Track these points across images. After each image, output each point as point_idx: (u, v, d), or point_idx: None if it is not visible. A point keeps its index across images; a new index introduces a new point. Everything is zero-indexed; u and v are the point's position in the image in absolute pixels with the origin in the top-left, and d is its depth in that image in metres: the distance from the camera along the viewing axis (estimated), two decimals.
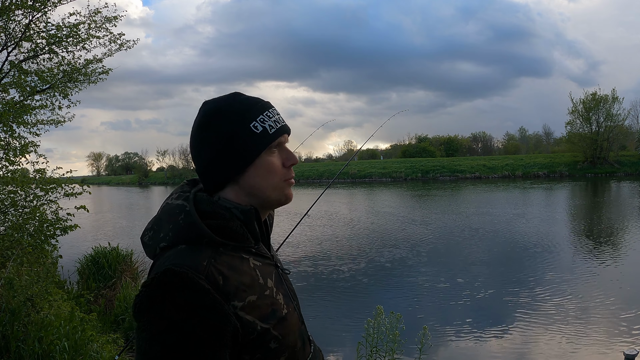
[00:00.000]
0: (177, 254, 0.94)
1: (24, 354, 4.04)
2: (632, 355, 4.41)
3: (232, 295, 0.93)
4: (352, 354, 4.98)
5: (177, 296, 0.88)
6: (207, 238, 0.96)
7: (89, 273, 8.51)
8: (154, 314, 0.88)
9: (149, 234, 1.03)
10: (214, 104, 1.07)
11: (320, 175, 57.06)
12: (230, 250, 0.99)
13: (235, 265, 0.98)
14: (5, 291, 4.56)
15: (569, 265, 10.27)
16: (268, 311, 0.99)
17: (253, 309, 0.96)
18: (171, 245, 0.97)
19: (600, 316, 7.04)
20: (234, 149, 1.03)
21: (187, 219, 0.97)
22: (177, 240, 0.97)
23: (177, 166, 77.40)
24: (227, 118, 1.04)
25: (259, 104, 1.09)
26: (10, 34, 5.90)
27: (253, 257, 1.03)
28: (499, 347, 6.20)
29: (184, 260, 0.92)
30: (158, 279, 0.90)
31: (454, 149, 71.13)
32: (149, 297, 0.89)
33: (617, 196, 27.80)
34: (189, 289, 0.88)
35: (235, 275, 0.96)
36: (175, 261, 0.92)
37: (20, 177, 5.67)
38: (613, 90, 50.07)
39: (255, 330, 0.95)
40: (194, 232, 0.96)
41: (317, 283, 9.60)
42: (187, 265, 0.91)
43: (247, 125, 1.04)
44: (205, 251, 0.95)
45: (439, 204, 25.60)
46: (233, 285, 0.94)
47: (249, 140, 1.03)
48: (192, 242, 0.96)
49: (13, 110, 5.41)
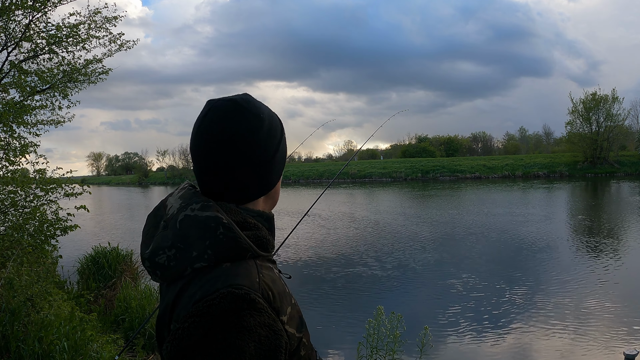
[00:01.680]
0: (229, 274, 0.84)
1: (24, 354, 4.04)
2: (632, 355, 4.41)
3: (280, 309, 0.88)
4: (353, 354, 4.98)
5: (243, 321, 0.79)
6: (251, 252, 0.88)
7: (89, 273, 8.51)
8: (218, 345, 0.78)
9: (168, 252, 0.88)
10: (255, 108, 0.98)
11: (320, 175, 57.05)
12: (263, 261, 0.94)
13: (273, 277, 0.93)
14: (5, 291, 4.56)
15: (569, 266, 10.27)
16: (298, 320, 0.96)
17: (292, 320, 0.92)
18: (212, 265, 0.86)
19: (600, 316, 7.04)
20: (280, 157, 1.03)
21: (228, 234, 0.87)
22: (219, 258, 0.86)
23: (177, 166, 77.41)
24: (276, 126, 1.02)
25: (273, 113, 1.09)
26: (10, 34, 5.90)
27: (274, 266, 1.00)
28: (499, 347, 6.20)
29: (241, 280, 0.83)
30: (218, 305, 0.79)
31: (454, 149, 71.15)
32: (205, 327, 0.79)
33: (617, 196, 27.80)
34: (253, 312, 0.81)
35: (276, 287, 0.90)
36: (231, 282, 0.82)
37: (20, 177, 5.67)
38: (613, 90, 50.17)
39: (294, 341, 0.92)
40: (239, 247, 0.87)
41: (317, 283, 9.60)
42: (246, 286, 0.83)
43: (284, 134, 1.05)
44: (252, 267, 0.88)
45: (439, 204, 25.60)
46: (278, 299, 0.89)
47: (285, 150, 1.06)
48: (236, 258, 0.87)
49: (13, 110, 5.41)
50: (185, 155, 75.95)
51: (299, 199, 28.97)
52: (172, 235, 0.89)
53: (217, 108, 0.96)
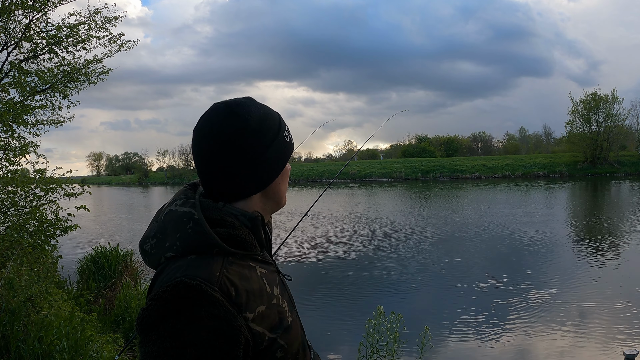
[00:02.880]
0: (189, 265, 0.90)
1: (24, 354, 4.04)
2: (632, 355, 4.41)
3: (244, 306, 0.90)
4: (353, 354, 4.98)
5: (192, 310, 0.84)
6: (218, 247, 0.93)
7: (89, 273, 8.51)
8: (167, 329, 0.84)
9: (151, 242, 0.98)
10: (243, 110, 1.01)
11: (320, 175, 57.06)
12: (239, 259, 0.96)
13: (245, 274, 0.95)
14: (5, 291, 4.56)
15: (569, 266, 10.27)
16: (276, 321, 0.98)
17: (263, 319, 0.94)
18: (179, 256, 0.93)
19: (600, 316, 7.04)
20: (276, 156, 1.04)
21: (196, 228, 0.93)
22: (186, 250, 0.93)
23: (177, 166, 77.40)
24: (268, 126, 1.03)
25: (277, 113, 1.11)
26: (10, 34, 5.90)
27: (259, 265, 1.02)
28: (499, 347, 6.20)
29: (197, 272, 0.88)
30: (170, 292, 0.85)
31: (454, 149, 71.13)
32: (159, 311, 0.85)
33: (617, 196, 27.80)
34: (204, 302, 0.85)
35: (246, 285, 0.93)
36: (187, 272, 0.88)
37: (20, 177, 5.67)
38: (613, 90, 50.15)
39: (264, 341, 0.93)
40: (205, 242, 0.92)
41: (317, 283, 9.60)
42: (200, 278, 0.87)
43: (282, 134, 1.06)
44: (217, 261, 0.92)
45: (439, 204, 25.60)
46: (244, 295, 0.91)
47: (283, 149, 1.06)
48: (203, 252, 0.92)
49: (13, 110, 5.42)
50: (185, 155, 75.96)
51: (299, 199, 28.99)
52: (157, 226, 0.99)
53: (211, 109, 1.04)
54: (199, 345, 0.83)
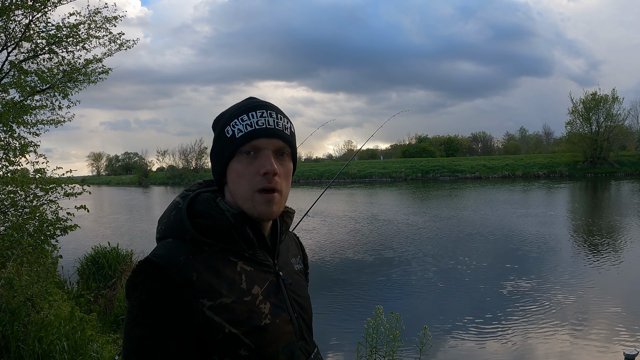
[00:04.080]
0: (161, 246, 1.02)
1: (24, 354, 4.04)
2: (632, 355, 4.41)
3: (203, 292, 0.95)
4: (352, 354, 4.97)
5: (150, 284, 0.94)
6: (190, 235, 1.01)
7: (89, 273, 8.52)
8: (135, 299, 0.94)
9: (159, 226, 1.10)
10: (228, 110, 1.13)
11: (320, 175, 57.03)
12: (217, 251, 1.02)
13: (217, 266, 1.00)
14: (5, 291, 4.56)
15: (569, 266, 10.27)
16: (242, 317, 0.98)
17: (224, 311, 0.96)
18: (161, 238, 1.06)
19: (600, 316, 7.04)
20: (215, 152, 1.10)
21: (177, 216, 1.04)
22: (165, 234, 1.05)
23: (177, 166, 77.32)
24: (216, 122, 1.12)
25: (247, 106, 1.06)
26: (10, 34, 5.89)
27: (243, 262, 1.04)
28: (499, 347, 6.20)
29: (163, 252, 0.99)
30: (139, 267, 0.97)
31: (454, 149, 71.10)
32: (132, 282, 0.96)
33: (617, 196, 27.79)
34: (160, 279, 0.94)
35: (211, 275, 0.98)
36: (156, 252, 0.99)
37: (20, 177, 5.66)
38: (613, 90, 50.12)
39: (221, 332, 0.95)
40: (180, 229, 1.02)
41: (316, 283, 9.60)
42: (163, 257, 0.97)
43: (223, 128, 1.07)
44: (186, 247, 1.00)
45: (439, 204, 25.60)
46: (206, 283, 0.96)
47: (220, 144, 1.07)
48: (177, 237, 1.02)
49: (13, 110, 5.41)
50: (185, 155, 75.97)
51: (299, 199, 28.97)
52: (164, 212, 1.12)
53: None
54: (154, 316, 0.92)
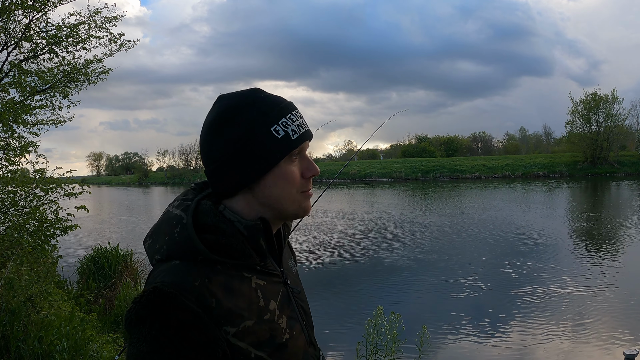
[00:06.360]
0: (169, 271, 0.88)
1: (24, 354, 4.04)
2: (632, 355, 4.41)
3: (225, 319, 0.86)
4: (352, 354, 4.97)
5: (164, 318, 0.82)
6: (202, 255, 0.88)
7: (89, 273, 8.52)
8: (143, 333, 0.83)
9: (148, 241, 0.96)
10: (232, 100, 0.96)
11: (320, 175, 56.81)
12: (230, 268, 0.91)
13: (233, 286, 0.90)
14: (5, 291, 4.57)
15: (569, 266, 10.27)
16: (265, 337, 0.91)
17: (248, 334, 0.89)
18: (165, 260, 0.91)
19: (600, 316, 7.04)
20: (252, 153, 0.93)
21: (183, 233, 0.90)
22: (170, 254, 0.90)
23: (177, 166, 77.40)
24: (247, 117, 0.93)
25: (282, 104, 0.98)
26: (10, 34, 5.90)
27: (257, 276, 0.95)
28: (498, 347, 6.20)
29: (174, 279, 0.86)
30: (147, 297, 0.84)
31: (454, 149, 71.10)
32: (137, 314, 0.84)
33: (617, 196, 27.80)
34: (176, 311, 0.83)
35: (231, 297, 0.88)
36: (165, 279, 0.86)
37: (20, 177, 5.66)
38: (613, 90, 50.07)
39: (248, 357, 0.88)
40: (189, 248, 0.89)
41: (316, 283, 9.60)
42: (176, 285, 0.85)
43: (269, 127, 0.94)
44: (199, 270, 0.88)
45: (439, 204, 25.60)
46: (227, 308, 0.87)
47: (268, 145, 0.93)
48: (186, 258, 0.89)
49: (13, 110, 5.41)
50: (185, 155, 76.02)
51: None
52: (155, 226, 0.97)
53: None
54: (171, 353, 0.81)
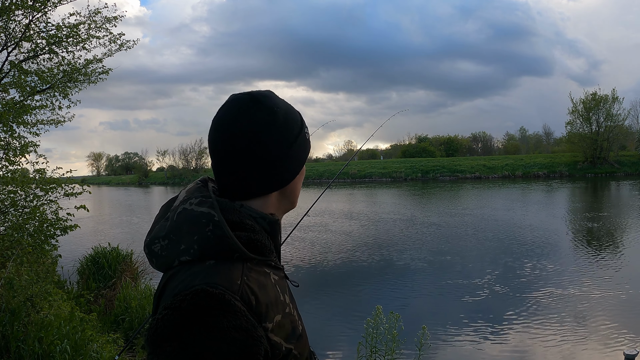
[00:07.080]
0: (208, 272, 0.83)
1: (24, 354, 4.04)
2: (632, 355, 4.41)
3: (264, 316, 0.85)
4: (352, 354, 4.98)
5: (214, 321, 0.78)
6: (239, 253, 0.86)
7: (89, 273, 8.52)
8: (186, 341, 0.77)
9: (162, 243, 0.90)
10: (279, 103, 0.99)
11: (320, 175, 57.03)
12: (256, 265, 0.91)
13: (262, 282, 0.89)
14: (5, 291, 4.57)
15: (569, 266, 10.27)
16: (290, 330, 0.93)
17: (280, 329, 0.89)
18: (197, 261, 0.86)
19: (600, 316, 7.04)
20: (305, 152, 1.02)
21: (217, 231, 0.86)
22: (204, 254, 0.85)
23: (177, 166, 77.36)
24: (297, 119, 1.01)
25: (297, 111, 1.06)
26: (10, 34, 5.90)
27: (273, 272, 0.96)
28: (498, 347, 6.20)
29: (218, 279, 0.82)
30: (190, 301, 0.78)
31: (454, 149, 71.12)
32: (178, 321, 0.78)
33: (617, 196, 27.80)
34: (226, 313, 0.79)
35: (264, 293, 0.88)
36: (208, 280, 0.81)
37: (20, 177, 5.66)
38: (613, 90, 50.13)
39: (281, 352, 0.88)
40: (226, 247, 0.85)
41: (316, 283, 9.60)
42: (222, 286, 0.81)
43: (304, 131, 1.02)
44: (237, 268, 0.86)
45: (439, 204, 25.60)
46: (264, 304, 0.86)
47: (305, 149, 1.03)
48: (223, 257, 0.86)
49: (13, 110, 5.41)
50: (185, 155, 76.02)
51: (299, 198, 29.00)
52: (169, 226, 0.90)
53: (233, 100, 0.97)
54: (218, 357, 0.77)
